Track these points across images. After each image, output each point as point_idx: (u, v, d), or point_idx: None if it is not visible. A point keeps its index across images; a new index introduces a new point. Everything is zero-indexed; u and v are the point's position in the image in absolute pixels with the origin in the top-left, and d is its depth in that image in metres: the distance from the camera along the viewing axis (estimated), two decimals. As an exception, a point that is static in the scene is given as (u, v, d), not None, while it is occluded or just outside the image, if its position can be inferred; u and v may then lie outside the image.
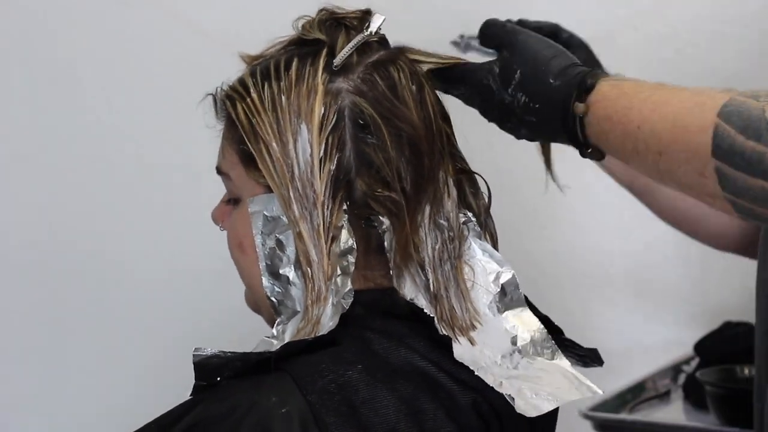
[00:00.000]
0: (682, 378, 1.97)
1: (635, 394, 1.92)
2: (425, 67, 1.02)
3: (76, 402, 1.81)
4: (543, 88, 0.99)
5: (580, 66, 1.00)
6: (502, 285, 1.01)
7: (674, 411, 1.90)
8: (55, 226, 1.79)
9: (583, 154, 1.00)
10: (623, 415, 1.85)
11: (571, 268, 2.12)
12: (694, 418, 1.84)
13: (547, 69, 0.99)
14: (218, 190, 1.10)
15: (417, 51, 1.02)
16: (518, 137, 1.04)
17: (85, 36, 1.78)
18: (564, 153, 1.11)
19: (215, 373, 0.92)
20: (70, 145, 1.79)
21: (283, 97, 0.97)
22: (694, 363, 1.96)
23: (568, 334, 1.05)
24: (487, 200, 1.04)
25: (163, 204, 1.85)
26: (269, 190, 0.97)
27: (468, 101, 1.05)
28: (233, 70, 1.04)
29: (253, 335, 0.98)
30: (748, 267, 1.45)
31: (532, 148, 1.20)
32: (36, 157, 1.77)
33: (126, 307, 1.84)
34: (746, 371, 1.77)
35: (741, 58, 1.94)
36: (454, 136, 1.03)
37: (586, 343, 1.05)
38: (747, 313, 1.97)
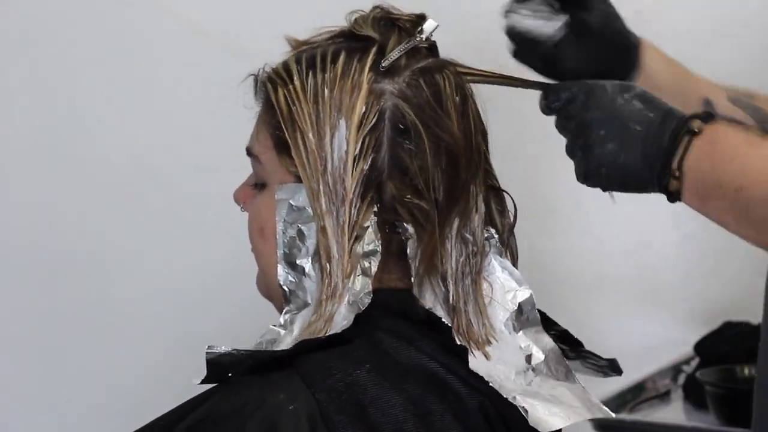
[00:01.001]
0: (682, 378, 1.98)
1: (635, 394, 1.92)
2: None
3: (76, 402, 1.81)
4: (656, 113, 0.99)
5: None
6: (519, 304, 1.01)
7: (674, 411, 1.91)
8: (55, 226, 1.79)
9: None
10: (623, 415, 1.86)
11: (571, 269, 2.12)
12: (694, 418, 1.85)
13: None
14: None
15: (465, 66, 1.02)
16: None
17: (85, 36, 1.78)
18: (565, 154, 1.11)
19: (227, 370, 0.92)
20: (69, 145, 1.79)
21: (326, 90, 0.96)
22: (694, 363, 1.96)
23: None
24: (512, 220, 1.05)
25: (163, 204, 1.84)
26: (299, 179, 0.97)
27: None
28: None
29: (256, 335, 0.98)
30: (749, 267, 1.45)
31: (532, 148, 1.20)
32: (36, 157, 1.77)
33: (127, 308, 1.84)
34: (746, 371, 1.78)
35: (741, 58, 1.94)
36: (488, 152, 1.03)
37: (585, 343, 1.05)
38: (747, 313, 1.97)
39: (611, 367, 1.05)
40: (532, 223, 2.10)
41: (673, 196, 0.99)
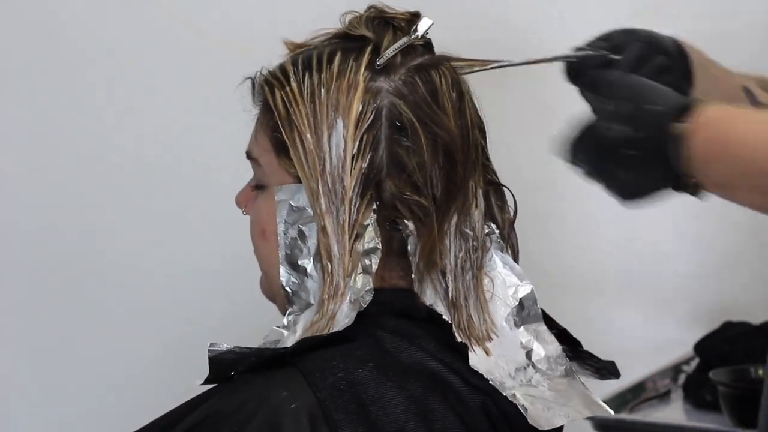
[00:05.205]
0: (682, 378, 1.98)
1: (635, 394, 1.92)
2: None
3: (76, 402, 1.81)
4: (638, 112, 0.96)
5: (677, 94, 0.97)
6: (520, 299, 1.02)
7: (674, 411, 1.91)
8: (56, 226, 1.79)
9: (680, 187, 0.96)
10: (623, 415, 1.86)
11: (571, 269, 2.12)
12: (694, 418, 1.85)
13: (643, 97, 0.97)
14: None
15: (459, 58, 1.02)
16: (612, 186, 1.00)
17: (84, 36, 1.78)
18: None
19: (230, 368, 0.92)
20: (69, 145, 1.79)
21: (322, 90, 0.97)
22: (694, 363, 1.96)
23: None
24: (512, 215, 1.05)
25: (163, 203, 1.85)
26: (298, 180, 0.97)
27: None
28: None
29: (256, 335, 0.98)
30: (749, 267, 1.45)
31: (533, 149, 1.20)
32: (36, 156, 1.77)
33: (127, 307, 1.84)
34: (759, 371, 1.77)
35: (741, 58, 1.93)
36: (487, 147, 1.03)
37: (585, 343, 1.05)
38: (747, 313, 1.97)
39: (609, 370, 1.05)
40: (532, 223, 2.11)
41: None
